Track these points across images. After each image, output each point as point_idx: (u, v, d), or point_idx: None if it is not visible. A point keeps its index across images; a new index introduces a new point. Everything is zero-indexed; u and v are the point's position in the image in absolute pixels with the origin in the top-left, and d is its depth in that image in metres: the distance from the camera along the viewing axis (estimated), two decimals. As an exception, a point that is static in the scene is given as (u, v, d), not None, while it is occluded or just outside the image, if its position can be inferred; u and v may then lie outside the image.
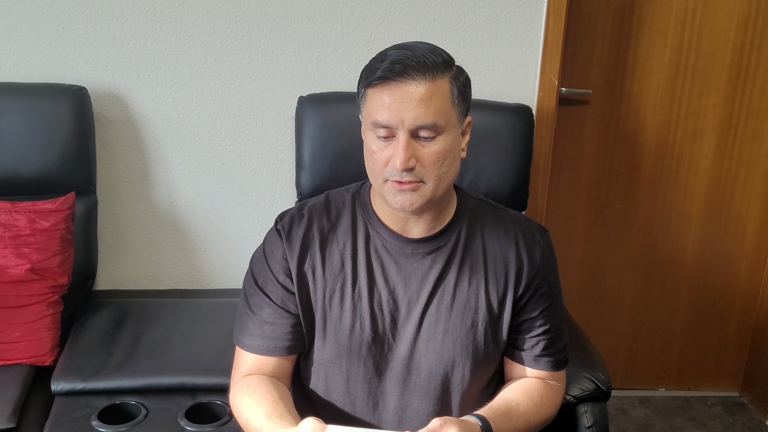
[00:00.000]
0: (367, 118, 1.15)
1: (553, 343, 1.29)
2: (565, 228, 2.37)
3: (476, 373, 1.24)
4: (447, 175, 1.16)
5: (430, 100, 1.10)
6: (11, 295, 1.69)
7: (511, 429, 1.19)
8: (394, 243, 1.23)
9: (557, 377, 1.32)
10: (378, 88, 1.11)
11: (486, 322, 1.23)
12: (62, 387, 1.55)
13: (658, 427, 2.36)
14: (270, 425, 1.11)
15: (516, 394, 1.24)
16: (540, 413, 1.25)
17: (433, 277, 1.22)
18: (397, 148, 1.11)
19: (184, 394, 1.56)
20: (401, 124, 1.10)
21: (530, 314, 1.26)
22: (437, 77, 1.11)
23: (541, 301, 1.27)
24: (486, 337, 1.24)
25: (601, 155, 2.31)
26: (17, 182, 1.80)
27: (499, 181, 1.88)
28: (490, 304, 1.23)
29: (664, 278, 2.44)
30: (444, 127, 1.13)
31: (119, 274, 2.05)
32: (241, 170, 2.01)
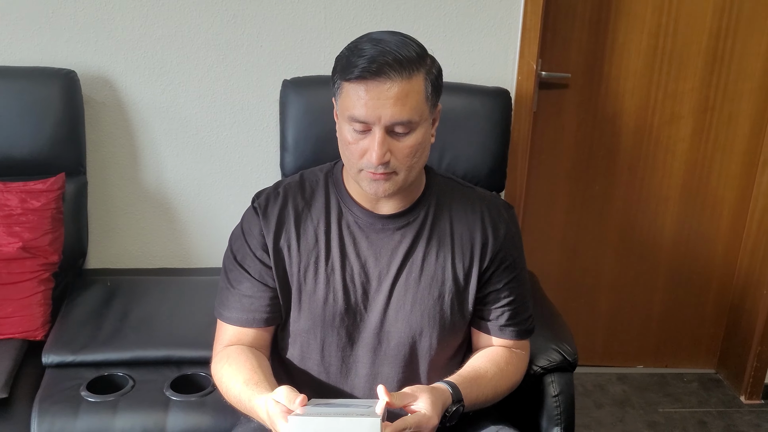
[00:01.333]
0: (343, 110, 1.20)
1: (518, 313, 1.35)
2: (545, 209, 2.43)
3: (443, 342, 1.31)
4: (418, 165, 1.23)
5: (405, 98, 1.15)
6: (4, 273, 1.75)
7: (480, 394, 1.26)
8: (365, 219, 1.29)
9: (522, 346, 1.39)
10: (355, 84, 1.16)
11: (452, 293, 1.30)
12: (53, 359, 1.62)
13: (635, 402, 2.44)
14: (247, 392, 1.18)
15: (483, 362, 1.31)
16: (506, 379, 1.33)
17: (403, 251, 1.29)
18: (373, 144, 1.17)
19: (170, 366, 1.63)
20: (377, 121, 1.16)
21: (495, 286, 1.33)
22: (413, 75, 1.16)
23: (505, 274, 1.33)
24: (452, 308, 1.30)
25: (580, 138, 2.36)
26: (9, 163, 1.85)
27: (476, 163, 1.93)
28: (456, 277, 1.30)
29: (642, 258, 2.50)
30: (418, 122, 1.19)
31: (110, 253, 2.10)
32: (228, 152, 2.06)
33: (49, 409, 1.49)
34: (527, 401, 1.51)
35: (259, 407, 1.13)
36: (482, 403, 1.28)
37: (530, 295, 1.40)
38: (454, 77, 2.04)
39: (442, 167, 1.91)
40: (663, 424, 2.33)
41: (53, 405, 1.49)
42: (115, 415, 1.48)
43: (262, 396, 1.14)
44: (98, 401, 1.51)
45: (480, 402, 1.26)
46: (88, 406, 1.50)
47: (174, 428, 1.49)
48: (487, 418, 1.39)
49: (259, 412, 1.14)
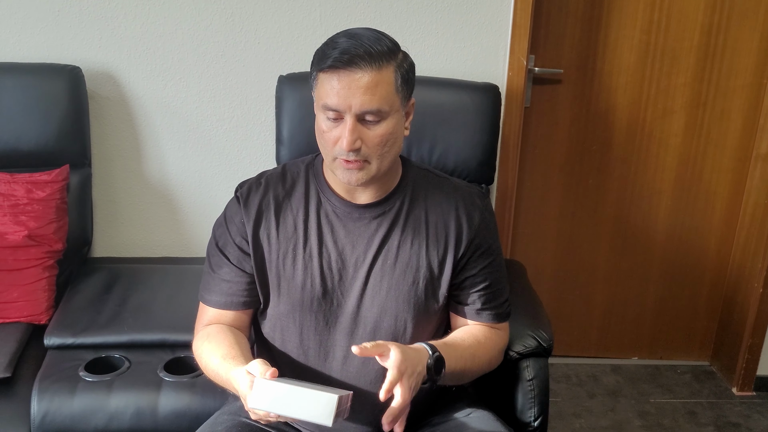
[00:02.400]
0: (318, 100, 1.27)
1: (494, 297, 1.41)
2: (540, 202, 2.48)
3: (418, 326, 1.37)
4: (390, 154, 1.29)
5: (375, 88, 1.22)
6: (10, 259, 1.83)
7: (458, 357, 1.31)
8: (342, 208, 1.35)
9: (500, 328, 1.44)
10: (328, 74, 1.23)
11: (426, 279, 1.35)
12: (54, 341, 1.70)
13: (627, 392, 2.48)
14: (224, 365, 1.25)
15: (460, 334, 1.38)
16: (484, 350, 1.38)
17: (378, 239, 1.35)
18: (344, 131, 1.23)
19: (165, 349, 1.70)
20: (348, 109, 1.22)
21: (471, 272, 1.38)
22: (383, 66, 1.23)
23: (480, 260, 1.39)
24: (426, 293, 1.36)
25: (574, 132, 2.40)
26: (16, 155, 1.93)
27: (466, 157, 1.99)
28: (430, 264, 1.36)
29: (636, 251, 2.54)
30: (388, 112, 1.25)
31: (114, 243, 2.19)
32: (227, 145, 2.14)
33: (48, 387, 1.57)
34: (503, 385, 1.57)
35: (235, 379, 1.20)
36: (461, 369, 1.32)
37: (506, 280, 1.45)
38: (446, 73, 2.09)
39: (432, 161, 1.97)
40: (653, 413, 2.37)
41: (53, 384, 1.58)
42: (110, 394, 1.56)
43: (237, 368, 1.21)
44: (95, 381, 1.59)
45: (459, 368, 1.31)
46: (85, 385, 1.58)
47: (165, 407, 1.57)
48: (462, 400, 1.45)
49: (234, 384, 1.21)
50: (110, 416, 1.55)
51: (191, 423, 1.53)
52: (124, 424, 1.55)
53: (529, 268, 2.10)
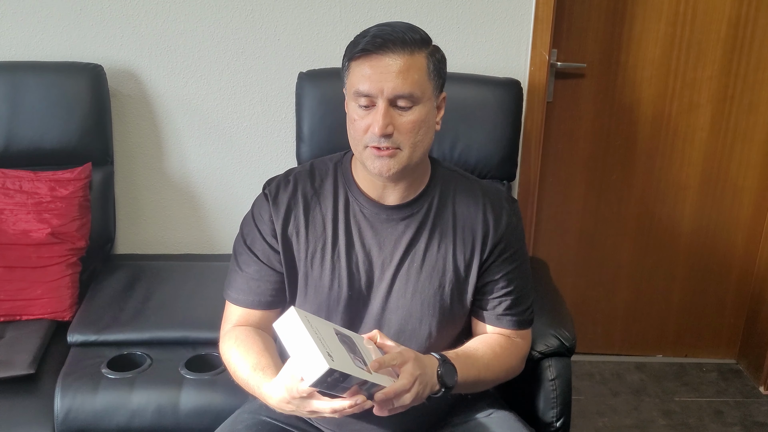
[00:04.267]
0: (349, 88, 1.26)
1: (516, 304, 1.38)
2: (562, 198, 2.45)
3: (442, 331, 1.35)
4: (422, 144, 1.27)
5: (407, 72, 1.21)
6: (34, 257, 1.85)
7: (470, 367, 1.28)
8: (371, 209, 1.34)
9: (521, 336, 1.40)
10: (360, 61, 1.22)
11: (452, 283, 1.33)
12: (77, 338, 1.71)
13: (651, 390, 2.45)
14: (255, 377, 1.24)
15: (475, 343, 1.35)
16: (500, 360, 1.34)
17: (406, 241, 1.33)
18: (376, 116, 1.22)
19: (186, 347, 1.71)
20: (380, 93, 1.21)
21: (494, 276, 1.36)
22: (415, 52, 1.22)
23: (504, 264, 1.36)
24: (452, 298, 1.34)
25: (597, 127, 2.37)
26: (39, 153, 1.95)
27: (487, 153, 1.97)
28: (456, 268, 1.33)
29: (661, 247, 2.50)
30: (420, 98, 1.23)
31: (136, 240, 2.20)
32: (247, 142, 2.14)
33: (71, 384, 1.58)
34: (525, 385, 1.55)
35: (268, 395, 1.19)
36: (474, 380, 1.29)
37: (531, 286, 1.42)
38: (467, 68, 2.07)
39: (453, 157, 1.95)
40: (678, 412, 2.34)
41: (75, 381, 1.59)
42: (132, 391, 1.57)
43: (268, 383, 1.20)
44: (117, 378, 1.60)
45: (471, 378, 1.28)
46: (107, 382, 1.59)
47: (187, 405, 1.57)
48: (483, 400, 1.43)
49: (268, 399, 1.20)
50: (132, 413, 1.56)
51: (212, 421, 1.52)
52: (146, 421, 1.56)
53: (551, 265, 2.08)
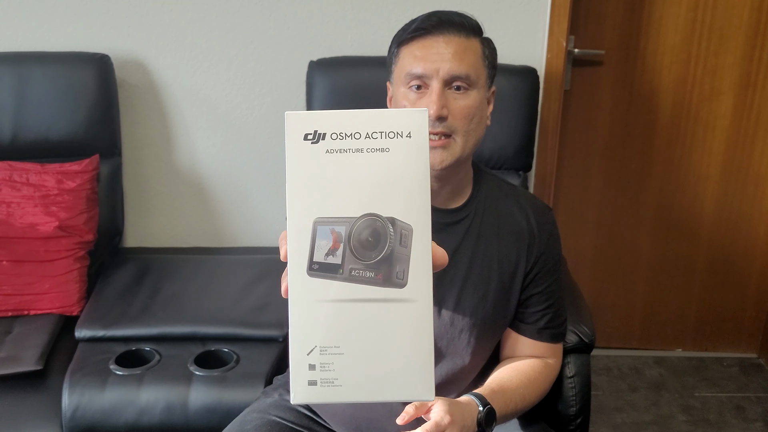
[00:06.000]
0: (399, 74, 1.22)
1: (556, 316, 1.33)
2: (580, 189, 2.39)
3: (480, 341, 1.28)
4: (474, 134, 1.22)
5: (464, 53, 1.18)
6: (41, 250, 1.82)
7: (507, 402, 1.21)
8: None
9: (555, 352, 1.34)
10: (412, 44, 1.19)
11: (496, 294, 1.27)
12: (85, 334, 1.68)
13: (671, 386, 2.39)
14: None
15: (506, 373, 1.27)
16: (534, 387, 1.27)
17: (451, 249, 1.26)
18: (431, 97, 1.17)
19: (195, 342, 1.67)
20: (435, 74, 1.17)
21: (536, 289, 1.30)
22: (470, 36, 1.20)
23: (546, 276, 1.31)
24: (495, 309, 1.28)
25: (616, 116, 2.31)
26: (46, 145, 1.92)
27: (503, 143, 1.92)
28: (501, 277, 1.27)
29: (680, 238, 2.44)
30: (475, 82, 1.19)
31: (145, 233, 2.17)
32: (257, 133, 2.10)
33: (79, 381, 1.55)
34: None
35: None
36: (511, 413, 1.23)
37: (564, 298, 1.37)
38: (482, 56, 2.01)
39: (467, 147, 1.90)
40: (698, 408, 2.29)
41: (83, 377, 1.56)
42: (140, 388, 1.54)
43: None
44: (125, 374, 1.56)
45: (509, 413, 1.22)
46: (115, 379, 1.56)
47: (196, 402, 1.54)
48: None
49: None
50: (140, 411, 1.52)
51: (222, 418, 1.49)
52: (155, 418, 1.53)
53: (568, 258, 2.02)
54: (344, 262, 0.62)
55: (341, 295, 0.62)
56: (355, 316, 0.62)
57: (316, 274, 0.62)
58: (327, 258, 0.62)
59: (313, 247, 0.61)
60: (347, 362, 0.62)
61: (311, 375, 0.62)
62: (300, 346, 0.62)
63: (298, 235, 0.61)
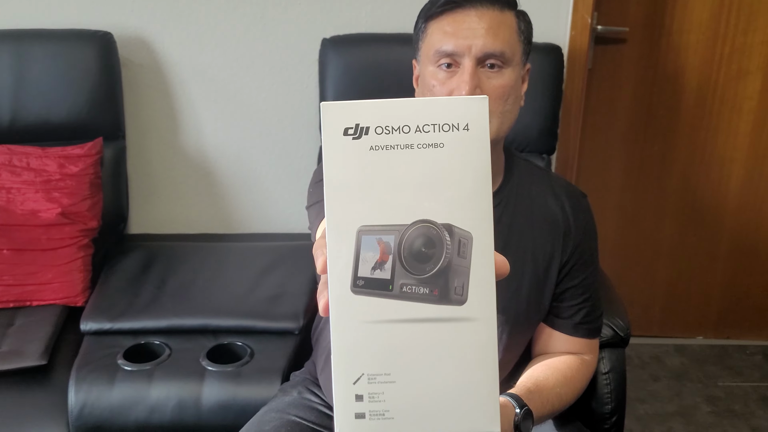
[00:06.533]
0: (426, 51, 1.13)
1: (593, 310, 1.25)
2: (600, 172, 2.31)
3: (513, 337, 1.21)
4: (510, 116, 1.14)
5: (498, 28, 1.09)
6: (43, 238, 1.74)
7: (544, 403, 1.14)
8: None
9: (591, 347, 1.27)
10: (441, 18, 1.11)
11: (530, 288, 1.19)
12: (90, 327, 1.60)
13: (693, 375, 2.32)
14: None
15: (541, 370, 1.20)
16: (570, 386, 1.20)
17: None
18: (463, 76, 1.09)
19: (207, 335, 1.59)
20: (467, 51, 1.09)
21: (572, 282, 1.22)
22: (504, 9, 1.11)
23: (583, 268, 1.23)
24: (528, 303, 1.20)
25: (639, 96, 2.23)
26: (46, 128, 1.83)
27: (525, 124, 1.83)
28: (535, 270, 1.20)
29: (703, 224, 2.36)
30: (510, 59, 1.11)
31: (151, 219, 2.08)
32: (267, 114, 2.00)
33: (86, 377, 1.47)
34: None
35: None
36: (547, 414, 1.15)
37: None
38: (503, 33, 1.92)
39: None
40: (722, 398, 2.22)
41: (90, 373, 1.48)
42: (150, 385, 1.46)
43: None
44: (134, 370, 1.49)
45: (545, 414, 1.14)
46: (124, 375, 1.48)
47: (209, 399, 1.46)
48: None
49: None
50: (151, 408, 1.45)
51: (236, 416, 1.42)
52: (166, 416, 1.45)
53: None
54: (394, 276, 0.55)
55: (391, 315, 0.54)
56: (407, 338, 0.54)
57: (362, 291, 0.54)
58: (374, 272, 0.54)
59: (358, 260, 0.54)
60: (400, 391, 0.54)
61: (359, 407, 0.54)
62: (345, 374, 0.54)
63: (340, 246, 0.54)
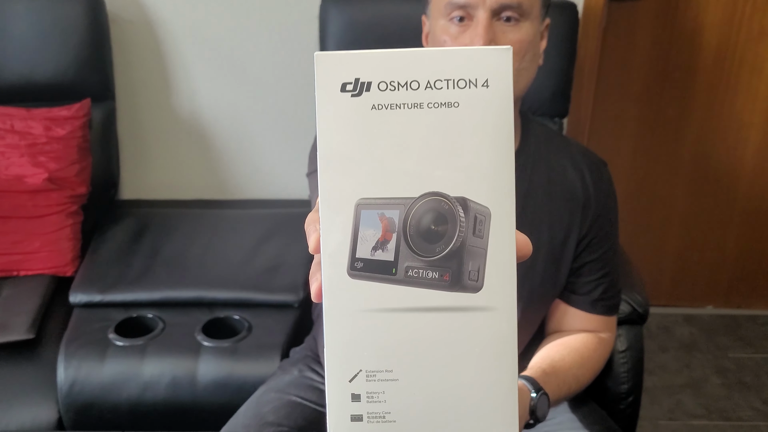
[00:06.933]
0: (438, 4, 1.05)
1: (611, 286, 1.18)
2: (612, 136, 2.22)
3: (527, 315, 1.14)
4: (526, 74, 1.06)
5: None
6: (29, 205, 1.66)
7: (560, 385, 1.07)
8: None
9: (609, 325, 1.19)
10: None
11: (545, 263, 1.12)
12: (80, 299, 1.53)
13: (702, 346, 2.27)
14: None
15: (557, 349, 1.13)
16: (587, 366, 1.13)
17: None
18: (476, 29, 1.01)
19: (202, 308, 1.52)
20: (481, 2, 1.01)
21: (591, 256, 1.15)
22: None
23: (602, 242, 1.15)
24: (543, 279, 1.12)
25: (654, 57, 2.12)
26: (32, 88, 1.74)
27: (538, 86, 1.68)
28: (551, 244, 1.12)
29: (717, 190, 2.28)
30: (528, 11, 1.03)
31: (143, 184, 2.00)
32: (264, 75, 1.90)
33: (75, 352, 1.41)
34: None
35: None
36: (563, 397, 1.09)
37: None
38: (514, -11, 1.81)
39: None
40: (733, 370, 2.16)
41: (80, 348, 1.41)
42: (143, 360, 1.39)
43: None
44: (126, 345, 1.42)
45: (561, 397, 1.08)
46: (115, 350, 1.41)
47: (205, 375, 1.39)
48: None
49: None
50: (144, 385, 1.38)
51: (233, 394, 1.36)
52: (159, 394, 1.38)
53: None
54: (398, 258, 0.46)
55: (395, 302, 0.46)
56: (413, 330, 0.46)
57: (361, 274, 0.46)
58: (375, 253, 0.46)
59: (356, 238, 0.46)
60: (403, 391, 0.46)
61: (355, 408, 0.46)
62: (339, 370, 0.46)
63: (335, 222, 0.46)
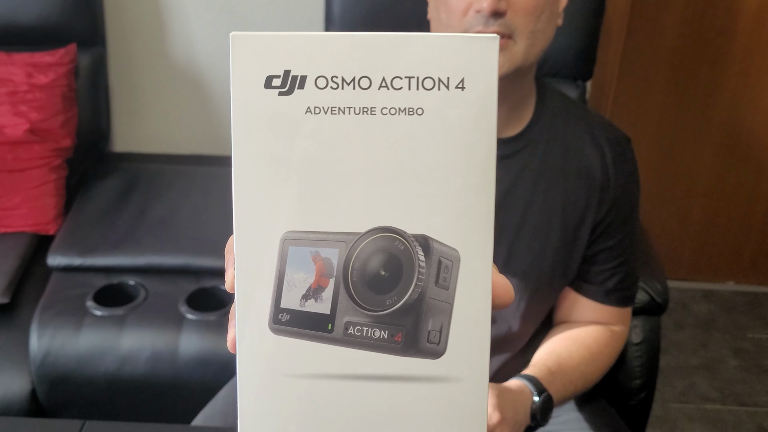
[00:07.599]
0: None
1: (628, 275, 1.06)
2: (638, 99, 2.07)
3: (532, 304, 1.03)
4: (542, 36, 0.93)
5: None
6: (9, 158, 1.55)
7: (566, 384, 0.98)
8: None
9: (622, 317, 1.08)
10: None
11: (557, 247, 1.00)
12: (59, 262, 1.44)
13: (721, 324, 2.16)
14: None
15: (565, 344, 1.03)
16: (597, 363, 1.03)
17: (502, 188, 0.98)
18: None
19: (187, 277, 1.42)
20: None
21: (607, 243, 1.03)
22: None
23: (620, 227, 1.03)
24: (553, 266, 1.01)
25: (688, 15, 1.96)
26: (13, 31, 1.62)
27: (561, 45, 1.57)
28: (564, 228, 1.00)
29: (747, 161, 2.14)
30: None
31: (136, 136, 1.89)
32: (265, 21, 1.77)
33: (50, 321, 1.32)
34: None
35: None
36: (569, 396, 1.00)
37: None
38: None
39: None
40: (752, 351, 2.06)
41: (55, 317, 1.32)
42: (121, 332, 1.31)
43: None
44: (105, 315, 1.33)
45: (567, 396, 0.99)
46: (93, 320, 1.32)
47: (187, 351, 1.30)
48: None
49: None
50: (122, 359, 1.30)
51: (217, 372, 1.28)
52: (138, 369, 1.30)
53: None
54: (336, 311, 0.34)
55: (330, 367, 0.34)
56: (352, 404, 0.35)
57: (286, 330, 0.34)
58: (305, 304, 0.34)
59: (281, 283, 0.34)
60: None
61: None
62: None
63: (253, 262, 0.34)
